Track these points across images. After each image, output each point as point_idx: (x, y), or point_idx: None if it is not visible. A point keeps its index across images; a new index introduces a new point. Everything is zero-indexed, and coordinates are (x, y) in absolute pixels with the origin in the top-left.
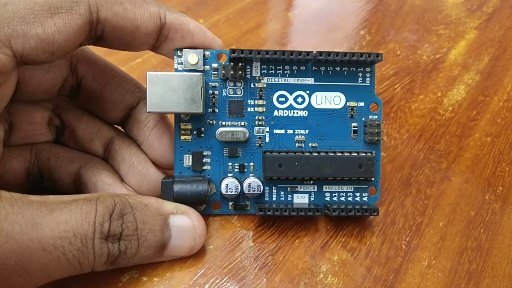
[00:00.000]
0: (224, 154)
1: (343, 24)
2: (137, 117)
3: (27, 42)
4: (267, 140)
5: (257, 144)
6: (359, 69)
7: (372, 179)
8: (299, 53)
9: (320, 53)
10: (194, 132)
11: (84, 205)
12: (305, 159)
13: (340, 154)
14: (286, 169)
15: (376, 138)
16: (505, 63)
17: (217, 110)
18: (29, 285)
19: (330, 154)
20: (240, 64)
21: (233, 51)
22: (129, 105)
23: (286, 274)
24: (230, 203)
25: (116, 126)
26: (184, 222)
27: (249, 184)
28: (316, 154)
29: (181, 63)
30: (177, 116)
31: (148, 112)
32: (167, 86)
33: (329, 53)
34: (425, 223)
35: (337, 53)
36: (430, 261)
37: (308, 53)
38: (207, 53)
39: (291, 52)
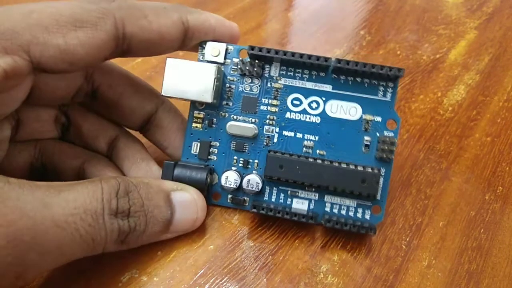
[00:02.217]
0: (231, 148)
1: (343, 24)
2: (159, 123)
3: (46, 50)
4: (275, 140)
5: (264, 143)
6: (381, 83)
7: (378, 197)
8: (317, 58)
9: (339, 60)
10: (206, 122)
11: (89, 185)
12: (307, 165)
13: (344, 165)
14: (287, 171)
15: (385, 156)
16: (505, 63)
17: (231, 104)
18: (45, 264)
19: (334, 164)
20: (258, 61)
21: (252, 48)
22: (148, 112)
23: (286, 274)
24: (229, 196)
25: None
26: (185, 197)
27: (249, 180)
28: (320, 161)
29: (203, 54)
30: (193, 104)
31: (162, 95)
32: (184, 74)
33: (348, 62)
34: (425, 223)
35: (356, 63)
36: (430, 261)
37: (326, 59)
38: (230, 47)
39: (309, 56)
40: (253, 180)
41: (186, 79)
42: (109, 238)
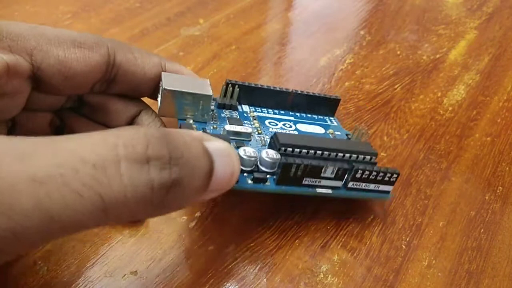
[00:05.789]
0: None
1: (343, 24)
2: (139, 124)
3: (46, 57)
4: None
5: (260, 144)
6: (325, 117)
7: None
8: (279, 90)
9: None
10: (200, 130)
11: (102, 132)
12: (313, 138)
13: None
14: (297, 140)
15: (364, 139)
16: (505, 63)
17: (218, 123)
18: (26, 232)
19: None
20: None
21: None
22: (132, 114)
23: (286, 274)
24: (249, 179)
25: None
26: (221, 145)
27: (267, 152)
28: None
29: None
30: (181, 122)
31: (165, 88)
32: (180, 78)
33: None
34: (425, 223)
35: (305, 94)
36: (430, 261)
37: (288, 92)
38: None
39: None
40: (270, 152)
41: (183, 82)
42: (133, 192)
